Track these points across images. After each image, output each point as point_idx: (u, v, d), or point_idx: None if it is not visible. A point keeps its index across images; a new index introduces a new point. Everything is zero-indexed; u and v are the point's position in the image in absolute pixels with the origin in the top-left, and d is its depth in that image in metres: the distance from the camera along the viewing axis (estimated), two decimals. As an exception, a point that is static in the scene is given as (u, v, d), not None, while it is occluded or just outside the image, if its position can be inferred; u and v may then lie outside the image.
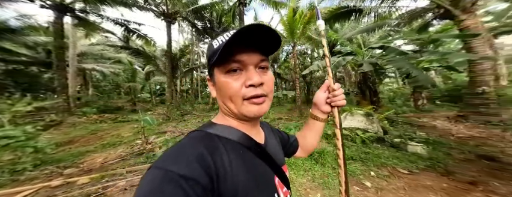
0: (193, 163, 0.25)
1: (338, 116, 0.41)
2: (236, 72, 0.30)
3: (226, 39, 0.29)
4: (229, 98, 0.31)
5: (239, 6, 6.66)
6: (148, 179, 0.23)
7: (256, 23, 0.26)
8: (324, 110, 0.46)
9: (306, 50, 13.24)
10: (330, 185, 1.76)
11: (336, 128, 0.40)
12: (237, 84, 0.30)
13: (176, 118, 6.51)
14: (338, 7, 5.61)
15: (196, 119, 6.33)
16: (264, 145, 0.37)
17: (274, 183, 0.33)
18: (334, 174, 1.95)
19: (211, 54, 0.32)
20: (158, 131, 4.47)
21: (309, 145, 0.53)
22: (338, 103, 0.42)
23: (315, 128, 0.51)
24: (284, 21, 6.95)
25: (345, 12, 5.54)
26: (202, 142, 0.30)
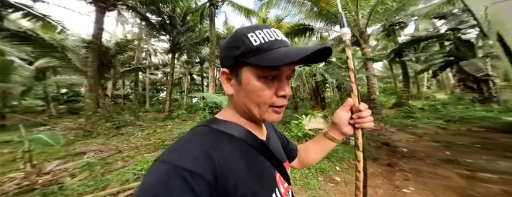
0: (198, 158, 0.25)
1: (362, 138, 0.38)
2: (270, 79, 0.30)
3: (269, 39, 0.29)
4: (258, 103, 0.31)
5: (210, 7, 6.45)
6: (153, 172, 0.24)
7: (325, 47, 0.28)
8: (346, 132, 0.42)
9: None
10: (311, 186, 1.73)
11: (358, 151, 0.37)
12: (270, 93, 0.30)
13: (104, 132, 4.73)
14: (298, 24, 6.84)
15: (145, 131, 4.82)
16: (266, 141, 0.37)
17: (276, 179, 0.34)
18: (311, 174, 1.98)
19: (247, 50, 0.28)
20: (67, 153, 3.06)
21: (309, 160, 0.52)
22: (365, 125, 0.38)
23: (325, 147, 0.48)
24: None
25: (302, 29, 6.80)
26: (207, 138, 0.30)
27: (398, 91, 8.37)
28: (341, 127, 0.41)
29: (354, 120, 0.39)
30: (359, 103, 0.39)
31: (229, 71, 0.32)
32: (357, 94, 0.38)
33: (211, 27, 6.41)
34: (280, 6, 6.50)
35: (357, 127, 0.39)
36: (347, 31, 0.38)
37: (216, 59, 6.86)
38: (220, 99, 3.51)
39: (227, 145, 0.29)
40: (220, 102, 3.42)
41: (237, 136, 0.32)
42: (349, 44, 0.38)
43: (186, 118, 7.43)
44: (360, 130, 0.38)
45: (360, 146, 0.37)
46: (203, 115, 3.88)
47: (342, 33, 0.38)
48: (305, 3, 6.08)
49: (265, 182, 0.31)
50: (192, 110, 9.33)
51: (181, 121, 6.80)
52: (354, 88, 0.38)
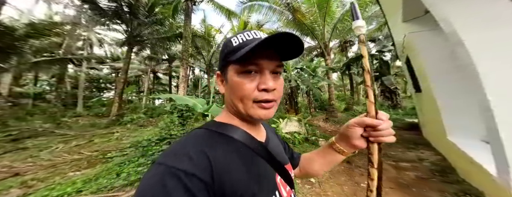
0: (194, 159, 0.25)
1: (377, 154, 0.32)
2: (251, 74, 0.30)
3: (247, 39, 0.31)
4: (240, 98, 0.31)
5: (187, 1, 5.67)
6: (150, 174, 0.24)
7: (288, 32, 0.27)
8: (357, 145, 0.37)
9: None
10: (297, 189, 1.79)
11: (371, 167, 0.32)
12: (250, 86, 0.30)
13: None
14: (277, 31, 7.46)
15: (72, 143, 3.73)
16: (265, 143, 0.37)
17: (276, 181, 0.33)
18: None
19: (228, 51, 0.31)
20: None
21: (312, 172, 0.49)
22: (383, 139, 0.32)
23: (332, 160, 0.44)
24: (235, 31, 7.19)
25: (280, 36, 7.63)
26: (204, 139, 0.30)
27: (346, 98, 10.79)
28: (352, 139, 0.37)
29: (369, 132, 0.34)
30: (377, 111, 0.33)
31: (221, 72, 0.35)
32: (374, 101, 0.32)
33: (186, 24, 5.65)
34: (262, 12, 6.70)
35: (372, 140, 0.33)
36: (362, 24, 0.32)
37: (189, 57, 6.15)
38: (194, 101, 3.30)
39: (224, 146, 0.30)
40: (193, 105, 3.22)
41: (234, 137, 0.32)
42: (364, 39, 0.32)
43: (145, 122, 6.31)
44: (376, 144, 0.33)
45: (375, 163, 0.31)
46: (170, 119, 3.36)
47: (356, 27, 0.33)
48: (284, 12, 6.58)
49: (264, 184, 0.30)
50: (153, 113, 8.04)
51: (136, 126, 5.72)
52: (371, 94, 0.32)
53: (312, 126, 5.29)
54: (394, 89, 8.20)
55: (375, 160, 0.32)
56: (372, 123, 0.33)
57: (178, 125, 3.48)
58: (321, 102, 9.10)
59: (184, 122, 3.81)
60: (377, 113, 0.33)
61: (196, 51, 10.65)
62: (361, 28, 0.33)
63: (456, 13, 1.12)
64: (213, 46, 10.72)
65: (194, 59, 12.29)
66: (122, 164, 2.39)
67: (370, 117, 0.33)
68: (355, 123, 0.36)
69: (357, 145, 0.37)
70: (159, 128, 3.40)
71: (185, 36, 5.70)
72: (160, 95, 7.53)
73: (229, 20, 7.41)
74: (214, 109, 2.20)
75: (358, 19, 0.33)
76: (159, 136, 3.04)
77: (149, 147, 2.73)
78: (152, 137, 2.98)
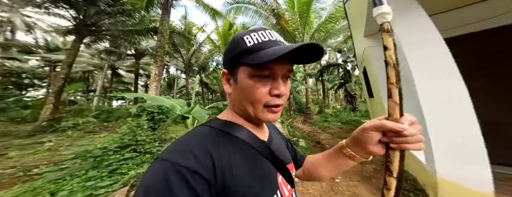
0: (198, 156, 0.25)
1: (399, 162, 0.28)
2: (264, 78, 0.30)
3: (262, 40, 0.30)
4: (251, 102, 0.31)
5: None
6: (153, 170, 0.24)
7: (314, 43, 0.27)
8: (373, 152, 0.33)
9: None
10: None
11: (389, 176, 0.28)
12: (263, 91, 0.30)
13: None
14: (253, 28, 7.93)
15: None
16: (267, 142, 0.37)
17: (277, 180, 0.33)
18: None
19: (242, 51, 0.30)
20: None
21: (317, 175, 0.46)
22: (408, 146, 0.28)
23: (341, 165, 0.40)
24: (219, 32, 7.03)
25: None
26: (206, 137, 0.30)
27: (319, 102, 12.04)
28: (367, 145, 0.33)
29: (389, 138, 0.30)
30: (402, 114, 0.29)
31: (228, 71, 0.34)
32: (399, 101, 0.28)
33: (163, 18, 5.14)
34: (248, 15, 6.81)
35: (393, 147, 0.29)
36: (388, 10, 0.28)
37: (165, 54, 5.52)
38: (171, 102, 3.04)
39: (227, 144, 0.30)
40: (171, 106, 2.96)
41: (237, 135, 0.32)
42: (390, 28, 0.28)
43: (96, 128, 5.26)
44: (398, 151, 0.29)
45: (394, 172, 0.28)
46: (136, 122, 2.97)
47: (379, 14, 0.28)
48: (270, 18, 6.89)
49: (266, 183, 0.30)
50: (109, 117, 6.84)
51: (82, 133, 4.68)
52: (395, 93, 0.27)
53: (293, 128, 5.62)
54: (354, 94, 9.73)
55: (396, 168, 0.28)
56: (394, 128, 0.28)
57: (148, 129, 3.05)
58: (299, 105, 9.82)
59: (156, 126, 3.36)
60: (401, 115, 0.29)
61: (174, 49, 9.75)
62: (386, 15, 0.28)
63: (402, 33, 1.44)
64: (193, 45, 10.08)
65: (170, 57, 11.14)
66: (59, 181, 1.88)
67: (392, 120, 0.29)
68: (372, 127, 0.31)
69: (373, 151, 0.33)
70: (120, 134, 2.84)
71: (161, 32, 5.14)
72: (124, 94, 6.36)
73: (213, 19, 7.17)
74: (198, 111, 2.04)
75: (382, 4, 0.28)
76: (120, 142, 2.58)
77: (104, 157, 2.27)
78: (109, 145, 2.48)
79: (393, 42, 0.28)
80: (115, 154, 2.37)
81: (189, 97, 10.01)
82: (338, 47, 11.08)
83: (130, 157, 2.35)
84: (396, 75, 0.28)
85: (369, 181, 1.98)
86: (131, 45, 9.25)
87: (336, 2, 6.35)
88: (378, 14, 0.29)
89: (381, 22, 0.28)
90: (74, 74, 12.69)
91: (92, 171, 1.99)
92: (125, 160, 2.29)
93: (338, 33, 8.30)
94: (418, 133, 0.29)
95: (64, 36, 8.36)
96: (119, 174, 1.99)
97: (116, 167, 2.10)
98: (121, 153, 2.41)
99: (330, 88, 13.27)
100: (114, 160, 2.22)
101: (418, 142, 0.28)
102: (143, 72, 14.58)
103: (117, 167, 2.11)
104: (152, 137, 3.00)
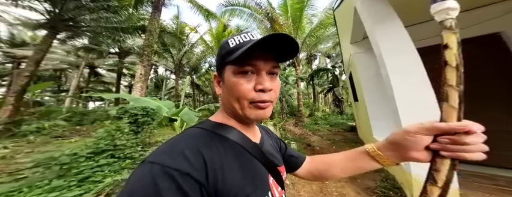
0: (189, 158, 0.25)
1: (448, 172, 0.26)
2: (248, 74, 0.31)
3: (243, 41, 0.31)
4: (237, 98, 0.31)
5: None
6: (139, 174, 0.23)
7: (282, 33, 0.27)
8: (416, 158, 0.30)
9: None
10: None
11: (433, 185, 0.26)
12: (247, 87, 0.30)
13: None
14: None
15: None
16: (259, 144, 0.37)
17: (268, 182, 0.33)
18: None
19: (225, 52, 0.32)
20: None
21: (329, 174, 0.44)
22: (467, 155, 0.25)
23: (363, 166, 0.39)
24: (213, 33, 6.99)
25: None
26: (197, 138, 0.30)
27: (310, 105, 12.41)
28: (410, 150, 0.30)
29: (442, 145, 0.26)
30: (460, 119, 0.26)
31: (218, 73, 0.35)
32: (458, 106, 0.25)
33: (153, 17, 4.97)
34: (242, 18, 6.87)
35: (445, 155, 0.26)
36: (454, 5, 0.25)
37: (153, 54, 5.28)
38: (158, 104, 2.92)
39: (219, 146, 0.30)
40: (157, 108, 2.84)
41: (229, 137, 0.32)
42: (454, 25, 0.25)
43: (66, 132, 4.73)
44: (449, 159, 0.26)
45: (440, 181, 0.25)
46: (116, 126, 2.74)
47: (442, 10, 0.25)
48: (264, 21, 7.02)
49: (258, 184, 0.30)
50: (83, 120, 6.29)
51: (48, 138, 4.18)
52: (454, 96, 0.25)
53: (285, 130, 5.70)
54: (341, 98, 10.22)
55: (442, 178, 0.25)
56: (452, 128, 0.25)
57: (129, 133, 2.85)
58: (291, 108, 10.01)
59: (139, 130, 3.15)
60: (460, 120, 0.26)
61: (164, 49, 9.39)
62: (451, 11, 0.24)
63: (382, 41, 1.57)
64: (185, 45, 9.84)
65: (159, 57, 10.71)
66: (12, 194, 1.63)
67: (448, 126, 0.26)
68: (421, 129, 0.28)
69: (415, 157, 0.29)
70: (95, 138, 2.57)
71: (150, 30, 4.93)
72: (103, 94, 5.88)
73: (207, 20, 7.11)
74: (186, 113, 1.96)
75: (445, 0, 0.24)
76: (95, 147, 2.34)
77: (74, 164, 2.02)
78: (80, 151, 2.22)
79: (457, 41, 0.25)
80: (88, 161, 2.13)
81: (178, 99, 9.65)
82: (327, 53, 11.64)
83: (106, 163, 2.14)
84: (457, 77, 0.25)
85: (355, 182, 2.06)
86: (115, 43, 8.72)
87: (326, 9, 6.71)
88: (441, 10, 0.25)
89: (443, 19, 0.25)
90: (43, 72, 11.53)
91: (58, 180, 1.76)
92: (100, 166, 2.08)
93: (328, 39, 8.74)
94: (481, 142, 0.25)
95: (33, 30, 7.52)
96: (92, 182, 1.81)
97: (89, 175, 1.90)
98: (94, 159, 2.18)
99: (320, 92, 13.79)
100: (86, 167, 2.00)
101: (480, 151, 0.25)
102: (128, 72, 13.77)
103: (89, 175, 1.92)
104: (134, 141, 2.80)
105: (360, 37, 2.93)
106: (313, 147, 4.09)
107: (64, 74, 13.88)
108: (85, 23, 6.20)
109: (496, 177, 1.73)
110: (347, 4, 2.34)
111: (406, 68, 1.45)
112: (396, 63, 1.50)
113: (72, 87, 10.75)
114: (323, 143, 4.48)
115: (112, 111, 3.53)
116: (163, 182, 0.21)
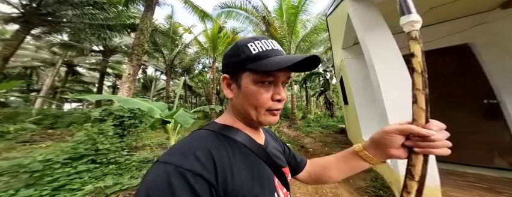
0: (200, 159, 0.26)
1: (422, 166, 0.29)
2: (267, 84, 0.32)
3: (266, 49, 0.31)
4: (255, 107, 0.32)
5: None
6: (154, 173, 0.24)
7: (315, 55, 0.30)
8: (394, 155, 0.33)
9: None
10: None
11: (411, 180, 0.28)
12: (267, 96, 0.32)
13: None
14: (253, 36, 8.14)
15: None
16: (264, 146, 0.38)
17: (275, 183, 0.34)
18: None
19: (247, 57, 0.31)
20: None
21: (326, 177, 0.45)
22: (434, 151, 0.28)
23: (355, 166, 0.40)
24: (208, 34, 6.93)
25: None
26: (208, 140, 0.31)
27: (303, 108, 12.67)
28: (388, 148, 0.33)
29: (415, 142, 0.30)
30: (428, 120, 0.29)
31: (230, 76, 0.34)
32: (425, 107, 0.28)
33: (145, 15, 4.80)
34: (239, 20, 6.89)
35: (418, 151, 0.29)
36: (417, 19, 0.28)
37: (143, 53, 5.05)
38: (149, 105, 2.78)
39: (228, 147, 0.30)
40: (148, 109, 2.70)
41: (237, 139, 0.33)
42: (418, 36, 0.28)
43: (36, 136, 4.32)
44: (421, 155, 0.29)
45: (417, 176, 0.28)
46: (98, 129, 2.52)
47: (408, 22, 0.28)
48: (260, 24, 7.10)
49: (265, 185, 0.31)
50: (57, 122, 5.74)
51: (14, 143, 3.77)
52: (422, 98, 0.28)
53: (279, 132, 5.73)
54: (332, 101, 10.61)
55: (418, 173, 0.28)
56: (420, 133, 0.29)
57: (113, 136, 2.66)
58: (285, 111, 10.13)
59: (125, 133, 2.95)
60: (427, 121, 0.29)
61: (154, 48, 9.04)
62: (415, 24, 0.28)
63: (372, 47, 1.67)
64: (178, 45, 9.56)
65: (149, 57, 10.30)
66: None
67: (418, 125, 0.29)
68: (397, 131, 0.32)
69: (394, 154, 0.33)
70: (73, 143, 2.33)
71: (141, 29, 4.74)
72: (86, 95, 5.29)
73: (202, 21, 7.03)
74: (181, 115, 1.87)
75: (411, 13, 0.28)
76: (72, 153, 2.15)
77: (47, 171, 1.83)
78: (55, 156, 2.02)
79: (420, 50, 0.29)
80: (64, 167, 1.92)
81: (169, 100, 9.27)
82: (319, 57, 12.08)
83: (86, 170, 1.96)
84: (423, 82, 0.28)
85: (348, 182, 2.11)
86: (100, 41, 8.09)
87: (320, 15, 7.01)
88: (407, 22, 0.29)
89: (409, 30, 0.29)
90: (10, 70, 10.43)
91: (27, 190, 1.55)
92: (79, 173, 1.90)
93: (320, 44, 9.09)
94: (445, 138, 0.29)
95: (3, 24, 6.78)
96: (69, 191, 1.63)
97: (65, 183, 1.72)
98: (72, 165, 1.98)
99: (312, 95, 14.18)
100: (62, 174, 1.80)
101: (445, 146, 0.28)
102: (112, 71, 12.97)
103: (66, 182, 1.73)
104: (119, 145, 2.61)
105: (351, 43, 3.09)
106: (307, 149, 4.16)
107: (35, 72, 12.61)
108: (67, 19, 5.76)
109: (465, 174, 1.89)
110: (340, 11, 2.47)
111: (393, 73, 1.55)
112: (384, 68, 1.60)
113: (45, 87, 9.78)
114: (315, 145, 4.57)
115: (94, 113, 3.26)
116: (177, 182, 0.22)
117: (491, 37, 2.02)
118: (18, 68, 11.09)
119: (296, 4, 6.28)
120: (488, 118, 1.96)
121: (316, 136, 5.82)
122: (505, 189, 1.56)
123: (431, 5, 1.91)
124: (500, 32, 1.97)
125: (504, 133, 1.85)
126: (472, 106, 2.05)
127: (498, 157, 1.86)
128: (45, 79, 11.19)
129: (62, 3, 5.15)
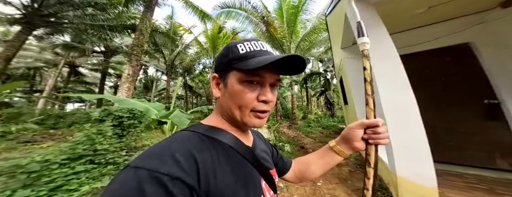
0: (179, 161, 0.24)
1: (375, 155, 0.37)
2: (253, 84, 0.31)
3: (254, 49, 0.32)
4: (239, 106, 0.32)
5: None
6: (122, 180, 0.21)
7: (298, 55, 0.30)
8: (357, 147, 0.41)
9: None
10: None
11: (368, 167, 0.36)
12: (251, 96, 0.31)
13: None
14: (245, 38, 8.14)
15: None
16: (252, 147, 0.38)
17: (261, 185, 0.33)
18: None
19: (234, 57, 0.32)
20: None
21: (309, 173, 0.49)
22: (380, 141, 0.37)
23: (330, 161, 0.46)
24: (208, 34, 6.95)
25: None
26: (188, 141, 0.29)
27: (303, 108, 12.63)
28: (352, 141, 0.41)
29: (369, 135, 0.38)
30: (375, 117, 0.38)
31: (219, 75, 0.35)
32: (373, 108, 0.36)
33: (145, 16, 4.84)
34: (239, 20, 6.90)
35: (371, 142, 0.38)
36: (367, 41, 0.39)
37: (142, 54, 5.08)
38: (145, 106, 2.80)
39: (212, 149, 0.29)
40: (145, 110, 2.70)
41: (223, 140, 0.32)
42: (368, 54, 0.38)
43: (37, 136, 4.36)
44: (374, 146, 0.37)
45: (372, 163, 0.35)
46: (97, 129, 2.56)
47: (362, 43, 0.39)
48: (260, 24, 7.07)
49: (250, 188, 0.30)
50: (59, 123, 5.79)
51: (15, 143, 3.81)
52: (371, 101, 0.36)
53: (279, 133, 5.71)
54: (332, 101, 10.55)
55: (373, 160, 0.36)
56: (371, 123, 0.38)
57: (112, 136, 2.66)
58: (285, 111, 10.11)
59: (124, 133, 2.96)
60: (375, 118, 0.38)
61: (155, 49, 9.09)
62: (366, 44, 0.39)
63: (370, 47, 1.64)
64: (178, 46, 9.60)
65: (150, 57, 10.36)
66: None
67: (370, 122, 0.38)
68: (357, 125, 0.40)
69: (357, 146, 0.41)
70: (72, 143, 2.34)
71: (140, 29, 4.75)
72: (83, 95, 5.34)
73: (202, 21, 7.06)
74: (177, 115, 1.87)
75: (363, 36, 0.39)
76: (71, 153, 2.16)
77: (44, 171, 1.84)
78: (54, 157, 2.02)
79: (369, 64, 0.38)
80: (62, 168, 1.92)
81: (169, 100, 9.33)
82: (320, 57, 12.03)
83: (83, 170, 1.96)
84: (371, 89, 0.38)
85: (346, 183, 2.11)
86: (101, 42, 8.21)
87: (319, 15, 6.98)
88: (362, 43, 0.39)
89: (362, 49, 0.38)
90: (14, 71, 10.57)
91: (23, 190, 1.55)
92: (77, 173, 1.90)
93: (320, 44, 9.05)
94: (386, 131, 0.38)
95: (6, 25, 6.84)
96: (66, 191, 1.64)
97: (62, 183, 1.72)
98: (70, 166, 1.98)
99: (313, 95, 14.13)
100: (60, 175, 1.80)
101: (386, 138, 0.38)
102: (114, 71, 13.10)
103: (63, 183, 1.73)
104: (118, 145, 2.61)
105: (350, 43, 3.07)
106: (307, 149, 4.14)
107: (38, 73, 12.76)
108: (68, 20, 5.84)
109: (466, 175, 1.86)
110: (338, 11, 2.46)
111: (390, 74, 1.54)
112: (382, 68, 1.58)
113: (48, 87, 9.88)
114: (315, 145, 4.55)
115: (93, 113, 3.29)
116: (150, 188, 0.20)
117: (492, 36, 1.99)
118: (21, 68, 11.24)
119: (296, 4, 6.27)
120: (488, 118, 1.92)
121: (317, 136, 5.80)
122: (506, 191, 1.53)
123: (430, 4, 1.89)
124: (501, 31, 1.94)
125: (505, 133, 1.82)
126: (472, 106, 2.02)
127: (499, 158, 1.83)
128: (48, 80, 11.29)
129: (63, 4, 5.23)
